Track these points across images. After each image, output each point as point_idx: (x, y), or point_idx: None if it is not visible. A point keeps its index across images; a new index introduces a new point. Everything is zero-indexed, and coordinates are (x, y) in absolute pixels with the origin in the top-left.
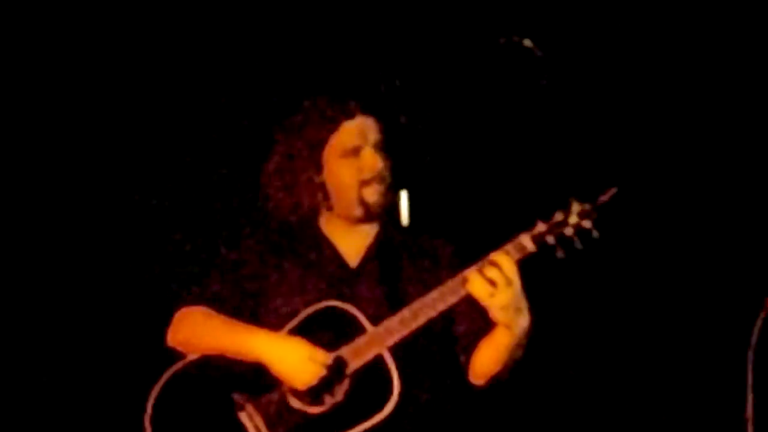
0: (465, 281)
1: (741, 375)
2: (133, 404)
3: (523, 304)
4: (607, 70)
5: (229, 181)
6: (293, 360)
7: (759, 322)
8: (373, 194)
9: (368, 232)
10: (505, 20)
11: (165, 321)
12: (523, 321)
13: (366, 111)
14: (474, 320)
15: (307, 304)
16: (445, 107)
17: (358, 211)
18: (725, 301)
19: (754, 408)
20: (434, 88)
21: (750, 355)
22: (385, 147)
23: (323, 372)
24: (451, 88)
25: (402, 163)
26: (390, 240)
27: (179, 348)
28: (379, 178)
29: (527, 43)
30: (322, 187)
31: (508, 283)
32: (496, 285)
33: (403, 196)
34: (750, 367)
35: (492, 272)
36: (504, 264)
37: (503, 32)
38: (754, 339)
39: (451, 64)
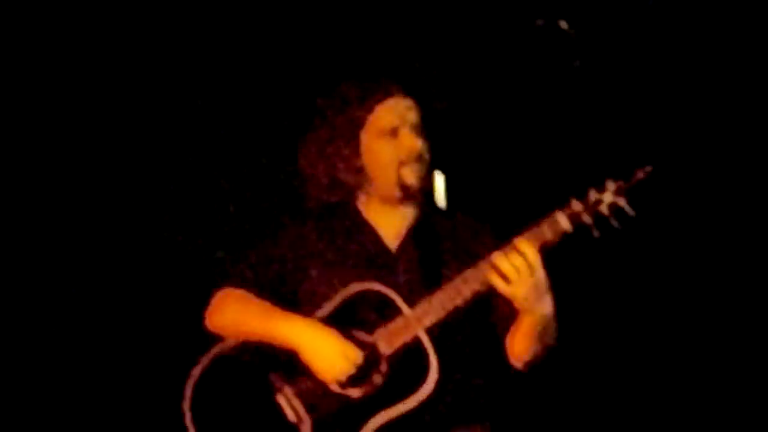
0: (490, 270)
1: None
2: (172, 386)
3: (545, 291)
4: (641, 50)
5: (269, 164)
6: (326, 354)
7: None
8: (411, 175)
9: (407, 214)
10: (540, 1)
11: (204, 304)
12: (545, 307)
13: (404, 92)
14: (509, 303)
15: (345, 286)
16: (480, 88)
17: (397, 192)
18: (756, 287)
19: None
20: (470, 70)
21: None
22: (423, 128)
23: (352, 370)
24: (486, 69)
25: (439, 144)
26: (429, 222)
27: (217, 331)
28: (417, 159)
29: (562, 24)
30: (361, 167)
31: (531, 271)
32: (519, 273)
33: (440, 179)
34: None
35: (516, 260)
36: (527, 251)
37: (539, 14)
38: None
39: (487, 46)
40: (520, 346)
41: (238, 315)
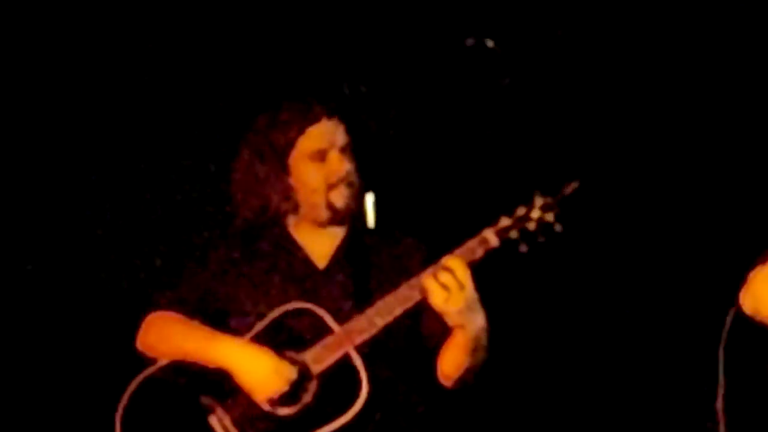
0: (421, 288)
1: (712, 368)
2: (104, 408)
3: (476, 306)
4: (566, 67)
5: (197, 186)
6: (258, 372)
7: (729, 319)
8: (340, 198)
9: (336, 234)
10: (467, 21)
11: (136, 326)
12: (478, 321)
13: (332, 114)
14: (440, 320)
15: (275, 307)
16: (409, 107)
17: (326, 215)
18: (693, 298)
19: (725, 400)
20: (399, 89)
21: (720, 351)
22: (352, 150)
23: (286, 387)
24: (414, 88)
25: (368, 164)
26: (358, 241)
27: (148, 352)
28: (346, 182)
29: (489, 43)
30: (290, 190)
31: (461, 287)
32: (449, 290)
33: (369, 198)
34: (721, 361)
35: (445, 277)
36: (456, 268)
37: (466, 33)
38: (724, 334)
39: (414, 65)
40: (451, 363)
41: (169, 336)
